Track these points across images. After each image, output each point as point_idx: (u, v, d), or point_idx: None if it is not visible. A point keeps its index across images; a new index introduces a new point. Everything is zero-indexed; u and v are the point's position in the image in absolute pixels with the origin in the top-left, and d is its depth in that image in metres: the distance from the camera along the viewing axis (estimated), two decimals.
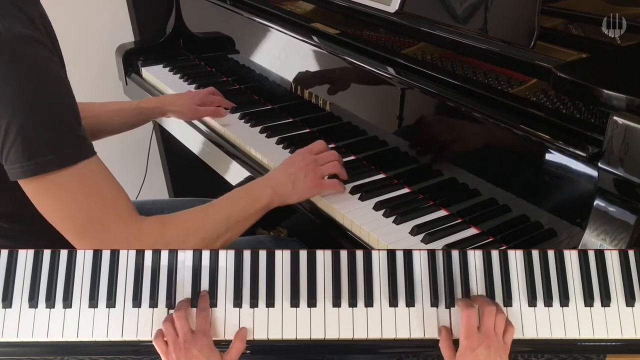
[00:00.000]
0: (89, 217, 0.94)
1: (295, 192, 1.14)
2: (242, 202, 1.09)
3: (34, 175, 0.91)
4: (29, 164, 0.90)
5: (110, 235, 0.95)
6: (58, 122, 0.92)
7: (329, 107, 1.41)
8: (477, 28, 1.17)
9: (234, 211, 1.07)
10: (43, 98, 0.91)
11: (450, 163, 1.17)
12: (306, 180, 1.14)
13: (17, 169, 0.91)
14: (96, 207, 0.94)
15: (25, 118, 0.89)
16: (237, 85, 1.76)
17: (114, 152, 1.18)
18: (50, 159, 0.90)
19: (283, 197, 1.13)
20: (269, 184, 1.13)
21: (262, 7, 1.66)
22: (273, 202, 1.12)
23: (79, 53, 1.17)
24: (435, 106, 1.20)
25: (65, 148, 0.92)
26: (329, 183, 1.19)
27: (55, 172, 0.91)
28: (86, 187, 0.94)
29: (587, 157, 0.95)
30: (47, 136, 0.91)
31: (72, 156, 0.93)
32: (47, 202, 0.94)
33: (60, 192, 0.93)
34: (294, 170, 1.15)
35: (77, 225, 0.94)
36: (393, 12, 1.33)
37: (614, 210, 0.90)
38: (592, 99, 0.95)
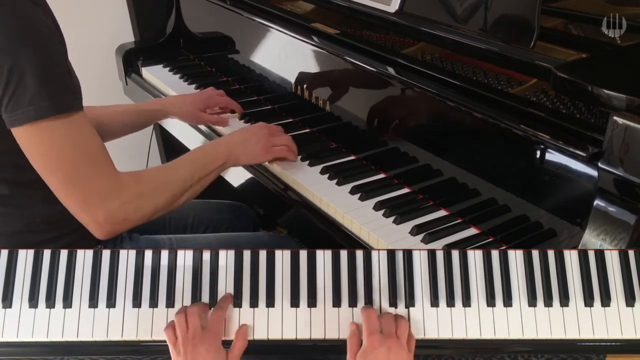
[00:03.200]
0: (75, 169, 0.99)
1: (246, 154, 1.25)
2: (201, 160, 1.18)
3: (31, 121, 0.95)
4: (29, 109, 0.94)
5: (93, 187, 1.00)
6: (53, 72, 0.97)
7: (329, 107, 1.41)
8: (477, 28, 1.18)
9: (196, 168, 1.15)
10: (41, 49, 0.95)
11: (450, 163, 1.17)
12: (257, 146, 1.27)
13: (18, 115, 0.95)
14: (82, 160, 0.99)
15: (26, 64, 0.93)
16: (237, 85, 1.76)
17: (114, 152, 1.17)
18: (47, 105, 0.95)
19: (235, 156, 1.23)
20: (223, 144, 1.24)
21: (262, 7, 1.66)
22: (228, 161, 1.22)
23: (79, 53, 1.17)
24: (435, 106, 1.20)
25: (61, 96, 0.96)
26: (278, 150, 1.29)
27: (50, 119, 0.95)
28: (75, 138, 0.99)
29: (587, 157, 0.95)
30: (45, 84, 0.95)
31: (66, 105, 0.97)
32: (38, 150, 0.98)
33: (51, 140, 0.97)
34: (248, 135, 1.27)
35: (63, 176, 0.99)
36: (393, 12, 1.33)
37: (614, 210, 0.90)
38: (592, 99, 0.95)
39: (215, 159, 1.19)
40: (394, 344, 0.85)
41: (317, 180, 1.27)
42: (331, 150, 1.40)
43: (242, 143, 1.25)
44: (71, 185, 0.99)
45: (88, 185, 0.99)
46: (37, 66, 0.94)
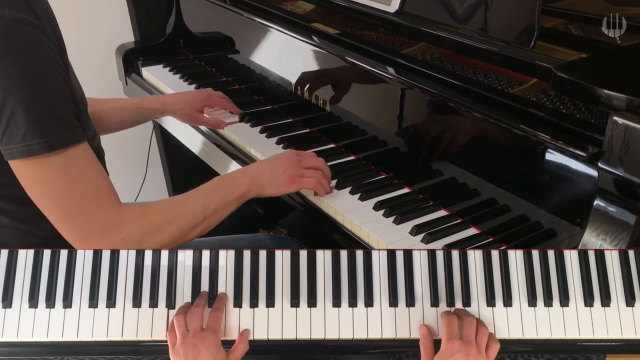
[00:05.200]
0: (73, 203, 0.96)
1: (271, 185, 1.15)
2: (220, 192, 1.11)
3: (23, 157, 0.93)
4: (21, 145, 0.92)
5: (92, 221, 0.97)
6: (48, 106, 0.94)
7: (329, 107, 1.41)
8: (477, 28, 1.18)
9: (212, 200, 1.08)
10: (35, 82, 0.92)
11: (450, 163, 1.17)
12: (284, 175, 1.16)
13: (11, 150, 0.93)
14: (80, 193, 0.97)
15: (18, 101, 0.91)
16: (237, 85, 1.76)
17: (114, 152, 1.18)
18: (40, 142, 0.92)
19: (259, 187, 1.14)
20: (247, 174, 1.15)
21: (262, 7, 1.66)
22: (250, 192, 1.13)
23: (79, 53, 1.17)
24: (435, 106, 1.20)
25: (54, 133, 0.94)
26: (306, 181, 1.18)
27: (44, 156, 0.93)
28: (72, 172, 0.96)
29: (587, 157, 0.95)
30: (37, 120, 0.92)
31: (60, 141, 0.95)
32: (34, 185, 0.97)
33: (46, 175, 0.95)
34: (275, 165, 1.17)
35: (60, 210, 0.97)
36: (393, 12, 1.33)
37: (614, 210, 0.90)
38: (592, 99, 0.95)
39: (236, 189, 1.11)
40: (473, 352, 0.85)
41: None
42: (331, 150, 1.40)
43: (268, 173, 1.15)
44: (67, 220, 0.97)
45: (86, 220, 0.97)
46: (30, 102, 0.91)
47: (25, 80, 0.91)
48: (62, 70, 0.98)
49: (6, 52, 0.90)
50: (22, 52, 0.91)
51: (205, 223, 1.07)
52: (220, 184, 1.13)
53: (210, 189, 1.11)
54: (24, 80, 0.91)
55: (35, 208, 0.99)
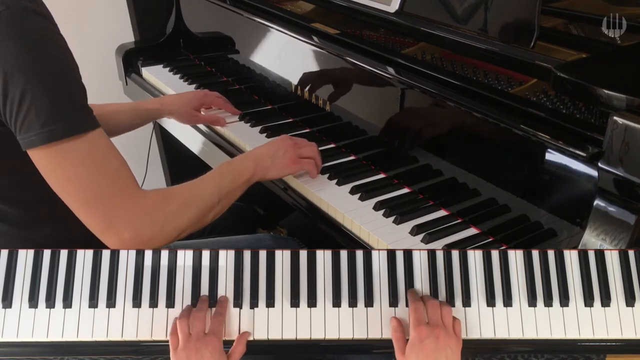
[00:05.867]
0: (96, 190, 0.95)
1: (274, 167, 1.21)
2: (229, 176, 1.14)
3: (45, 144, 0.92)
4: (42, 131, 0.91)
5: (117, 209, 0.96)
6: (66, 91, 0.94)
7: (329, 107, 1.41)
8: (477, 28, 1.18)
9: (223, 184, 1.12)
10: (51, 68, 0.92)
11: (450, 163, 1.17)
12: (285, 157, 1.22)
13: (31, 137, 0.92)
14: (103, 180, 0.96)
15: (36, 87, 0.90)
16: (237, 85, 1.76)
17: None
18: (60, 127, 0.92)
19: (263, 170, 1.19)
20: (251, 158, 1.20)
21: (262, 7, 1.66)
22: (255, 175, 1.18)
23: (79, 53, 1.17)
24: (435, 106, 1.20)
25: (74, 117, 0.94)
26: (305, 162, 1.25)
27: (65, 141, 0.92)
28: (94, 157, 0.95)
29: (587, 157, 0.95)
30: (57, 105, 0.92)
31: (80, 125, 0.94)
32: (55, 173, 0.95)
33: (69, 161, 0.94)
34: (275, 148, 1.23)
35: (84, 197, 0.95)
36: (393, 12, 1.33)
37: (614, 210, 0.90)
38: (592, 99, 0.95)
39: (242, 172, 1.16)
40: (442, 333, 0.86)
41: (317, 180, 1.27)
42: (331, 150, 1.40)
43: (270, 156, 1.21)
44: (92, 207, 0.96)
45: (111, 205, 0.96)
46: (50, 88, 0.91)
47: (43, 67, 0.91)
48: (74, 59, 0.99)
49: (22, 41, 0.90)
50: (37, 40, 0.92)
51: (219, 205, 1.10)
52: (228, 168, 1.16)
53: (220, 174, 1.14)
54: (42, 67, 0.91)
55: (34, 212, 0.99)
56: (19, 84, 0.90)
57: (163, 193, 1.03)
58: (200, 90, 1.61)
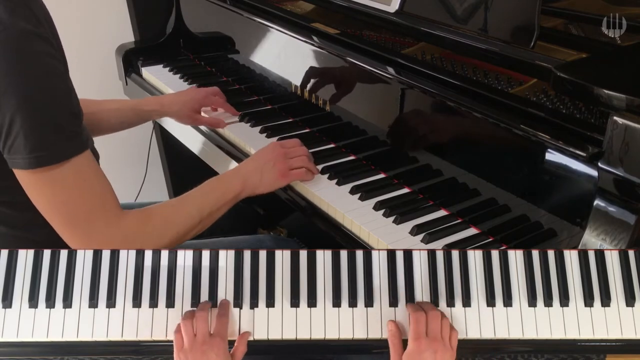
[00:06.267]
0: (76, 211, 0.98)
1: (263, 183, 1.19)
2: (214, 194, 1.14)
3: (31, 169, 0.94)
4: (30, 157, 0.93)
5: (96, 229, 0.99)
6: (54, 119, 0.95)
7: (329, 107, 1.41)
8: (477, 28, 1.17)
9: (207, 203, 1.12)
10: (42, 94, 0.93)
11: (451, 163, 1.17)
12: (274, 171, 1.20)
13: (18, 160, 0.94)
14: (85, 204, 0.98)
15: (26, 113, 0.91)
16: (237, 85, 1.76)
17: (114, 152, 1.18)
18: (46, 154, 0.94)
19: (252, 187, 1.18)
20: (239, 174, 1.19)
21: (262, 7, 1.66)
22: (243, 191, 1.17)
23: (79, 53, 1.17)
24: (435, 106, 1.20)
25: (61, 144, 0.95)
26: (295, 173, 1.23)
27: (49, 168, 0.95)
28: (77, 182, 0.98)
29: (587, 157, 0.95)
30: (46, 134, 0.94)
31: (67, 151, 0.96)
32: (39, 194, 0.98)
33: (52, 185, 0.96)
34: (264, 161, 1.21)
35: (65, 218, 0.98)
36: (393, 12, 1.33)
37: (614, 210, 0.90)
38: (592, 99, 0.95)
39: (229, 190, 1.15)
40: (440, 347, 0.86)
41: (317, 180, 1.27)
42: (331, 150, 1.40)
43: (259, 171, 1.19)
44: (73, 228, 0.99)
45: (91, 228, 0.99)
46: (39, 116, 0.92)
47: (35, 93, 0.92)
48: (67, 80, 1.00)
49: (17, 65, 0.91)
50: (32, 65, 0.92)
51: (200, 225, 1.11)
52: (214, 186, 1.16)
53: (204, 192, 1.14)
54: (34, 93, 0.92)
55: (32, 214, 1.00)
56: (9, 107, 0.91)
57: (142, 214, 1.05)
58: (200, 90, 1.61)
